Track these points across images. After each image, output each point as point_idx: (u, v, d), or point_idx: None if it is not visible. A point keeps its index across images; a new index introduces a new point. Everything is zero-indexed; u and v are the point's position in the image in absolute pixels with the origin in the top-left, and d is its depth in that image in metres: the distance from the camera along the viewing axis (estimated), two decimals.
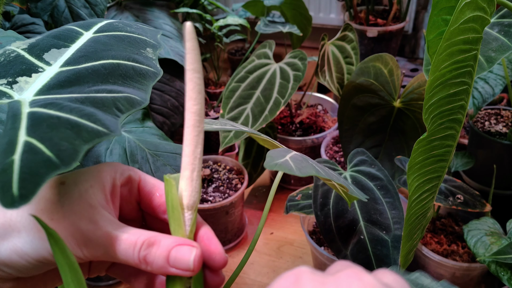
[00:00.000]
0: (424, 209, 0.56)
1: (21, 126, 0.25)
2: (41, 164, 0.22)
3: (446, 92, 0.46)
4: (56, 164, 0.23)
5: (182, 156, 0.28)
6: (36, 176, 0.22)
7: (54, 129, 0.24)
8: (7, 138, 0.24)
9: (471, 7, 0.43)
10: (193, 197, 0.29)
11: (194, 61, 0.26)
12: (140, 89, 0.32)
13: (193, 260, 0.27)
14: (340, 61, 1.16)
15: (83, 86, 0.30)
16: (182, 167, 0.29)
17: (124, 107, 0.29)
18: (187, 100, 0.27)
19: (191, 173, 0.28)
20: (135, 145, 0.79)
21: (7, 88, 0.29)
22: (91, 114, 0.27)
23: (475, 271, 0.88)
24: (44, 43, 0.34)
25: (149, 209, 0.32)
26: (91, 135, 0.25)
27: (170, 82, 1.05)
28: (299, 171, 0.38)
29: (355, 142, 1.03)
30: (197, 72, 0.27)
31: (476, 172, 1.07)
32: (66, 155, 0.23)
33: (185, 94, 0.27)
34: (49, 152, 0.23)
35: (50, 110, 0.26)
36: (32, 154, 0.23)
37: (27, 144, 0.23)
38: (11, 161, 0.22)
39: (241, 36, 1.57)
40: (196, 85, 0.27)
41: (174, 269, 0.27)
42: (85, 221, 0.27)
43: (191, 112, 0.27)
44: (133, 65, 0.34)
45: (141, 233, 0.27)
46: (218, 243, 0.30)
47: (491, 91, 0.92)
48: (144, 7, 1.14)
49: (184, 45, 0.27)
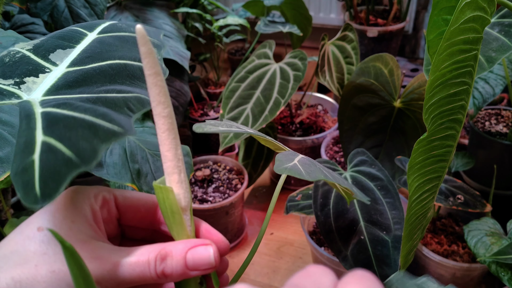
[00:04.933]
0: (424, 209, 0.55)
1: (37, 126, 0.25)
2: (61, 163, 0.23)
3: (447, 92, 0.46)
4: (76, 164, 0.23)
5: (165, 162, 0.28)
6: (57, 175, 0.22)
7: (72, 129, 0.25)
8: (24, 138, 0.24)
9: (471, 7, 0.42)
10: (186, 198, 0.29)
11: (153, 65, 0.26)
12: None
13: (213, 256, 0.27)
14: (340, 61, 1.16)
15: (92, 87, 0.30)
16: (167, 172, 0.28)
17: (135, 106, 0.29)
18: (155, 105, 0.27)
19: (179, 176, 0.28)
20: (135, 145, 0.79)
21: (15, 88, 0.29)
22: (105, 114, 0.27)
23: (475, 272, 0.88)
24: (49, 44, 0.34)
25: (142, 221, 0.32)
26: (107, 134, 0.25)
27: (169, 82, 1.05)
28: (308, 175, 0.38)
29: (355, 142, 1.03)
30: (159, 75, 0.26)
31: (477, 172, 1.07)
32: (86, 154, 0.23)
33: (151, 100, 0.27)
34: (68, 152, 0.23)
35: (64, 110, 0.26)
36: (51, 153, 0.23)
37: (45, 143, 0.24)
38: (31, 161, 0.23)
39: (241, 36, 1.57)
40: (161, 89, 0.26)
41: (195, 271, 0.27)
42: (87, 261, 0.25)
43: (162, 116, 0.27)
44: (140, 65, 0.34)
45: (148, 250, 0.27)
46: (217, 232, 0.30)
47: (492, 91, 0.92)
48: (144, 7, 1.14)
49: (140, 50, 0.26)
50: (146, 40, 0.25)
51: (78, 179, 1.11)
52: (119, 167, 0.75)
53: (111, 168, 0.74)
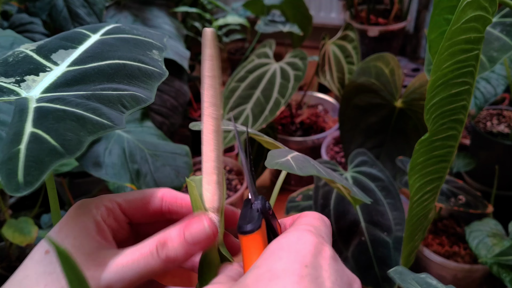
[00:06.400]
0: (425, 210, 0.55)
1: (28, 119, 0.26)
2: (46, 152, 0.24)
3: (448, 92, 0.45)
4: (60, 153, 0.24)
5: (207, 161, 0.29)
6: (41, 164, 0.23)
7: (60, 121, 0.26)
8: (14, 129, 0.25)
9: (473, 7, 0.42)
10: (221, 199, 0.30)
11: (214, 68, 0.27)
12: (145, 88, 0.33)
13: (207, 224, 0.28)
14: (341, 61, 1.16)
15: (89, 85, 0.31)
16: (207, 172, 0.29)
17: (129, 103, 0.30)
18: (207, 106, 0.28)
19: (217, 177, 0.29)
20: (134, 145, 0.78)
21: (15, 86, 0.30)
22: (96, 108, 0.28)
23: (477, 273, 0.88)
24: (52, 44, 0.35)
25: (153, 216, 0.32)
26: (95, 127, 0.26)
27: (169, 82, 1.05)
28: (300, 170, 0.38)
29: (356, 143, 1.02)
30: (217, 78, 0.28)
31: (478, 173, 1.07)
32: (71, 145, 0.25)
33: (205, 100, 0.28)
34: (54, 142, 0.24)
35: (56, 105, 0.27)
36: (37, 143, 0.24)
37: (33, 134, 0.25)
38: (17, 150, 0.24)
39: (241, 36, 1.57)
40: (216, 91, 0.28)
41: (198, 245, 0.28)
42: (94, 270, 0.26)
43: (213, 118, 0.28)
44: (139, 65, 0.35)
45: (148, 242, 0.28)
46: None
47: (493, 91, 0.92)
48: (143, 6, 1.14)
49: (203, 51, 0.27)
50: (213, 44, 0.26)
51: (77, 179, 1.11)
52: (118, 167, 0.74)
53: (110, 168, 0.74)
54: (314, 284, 0.22)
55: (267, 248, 0.25)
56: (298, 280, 0.22)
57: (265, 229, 0.27)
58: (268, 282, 0.22)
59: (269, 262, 0.23)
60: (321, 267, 0.23)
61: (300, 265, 0.22)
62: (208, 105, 0.28)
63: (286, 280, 0.22)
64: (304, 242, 0.24)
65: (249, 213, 0.27)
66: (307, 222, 0.27)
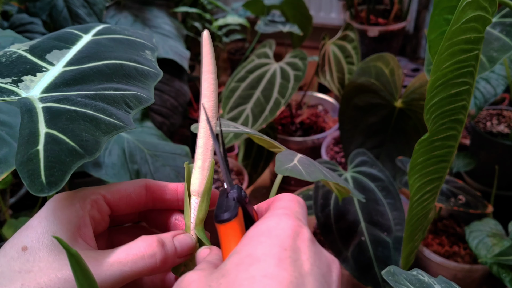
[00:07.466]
0: (425, 210, 0.55)
1: (39, 119, 0.26)
2: (66, 153, 0.24)
3: (448, 92, 0.45)
4: (80, 154, 0.24)
5: (196, 148, 0.31)
6: (62, 164, 0.23)
7: (74, 122, 0.26)
8: (27, 130, 0.25)
9: (472, 7, 0.42)
10: (202, 185, 0.31)
11: (209, 63, 0.30)
12: (144, 88, 0.33)
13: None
14: (341, 61, 1.16)
15: (89, 85, 0.31)
16: (195, 157, 0.31)
17: (133, 103, 0.31)
18: (202, 97, 0.30)
19: (202, 163, 0.30)
20: (134, 145, 0.78)
21: (13, 86, 0.30)
22: (105, 109, 0.28)
23: (477, 273, 0.88)
24: (45, 44, 0.35)
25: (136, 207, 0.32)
26: (109, 127, 0.27)
27: (169, 82, 1.05)
28: (309, 176, 0.39)
29: (356, 143, 1.02)
30: (212, 73, 0.30)
31: (478, 173, 1.07)
32: (89, 146, 0.25)
33: (201, 93, 0.30)
34: (72, 143, 0.25)
35: (65, 105, 0.27)
36: (55, 144, 0.24)
37: (49, 135, 0.25)
38: (35, 151, 0.24)
39: (241, 36, 1.57)
40: (210, 85, 0.30)
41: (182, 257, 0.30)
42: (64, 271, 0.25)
43: (205, 108, 0.30)
44: (135, 65, 0.35)
45: (147, 242, 0.28)
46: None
47: (493, 91, 0.92)
48: (143, 6, 1.14)
49: (201, 50, 0.29)
50: (208, 42, 0.30)
51: (77, 179, 1.11)
52: (118, 167, 0.74)
53: (109, 168, 0.74)
54: (293, 266, 0.22)
55: (246, 234, 0.25)
56: (278, 262, 0.22)
57: (242, 217, 0.27)
58: (248, 266, 0.22)
59: (249, 247, 0.23)
60: (300, 249, 0.23)
61: (279, 249, 0.23)
62: (202, 96, 0.30)
63: (266, 263, 0.22)
64: (283, 226, 0.25)
65: (225, 202, 0.27)
66: (283, 205, 0.27)
